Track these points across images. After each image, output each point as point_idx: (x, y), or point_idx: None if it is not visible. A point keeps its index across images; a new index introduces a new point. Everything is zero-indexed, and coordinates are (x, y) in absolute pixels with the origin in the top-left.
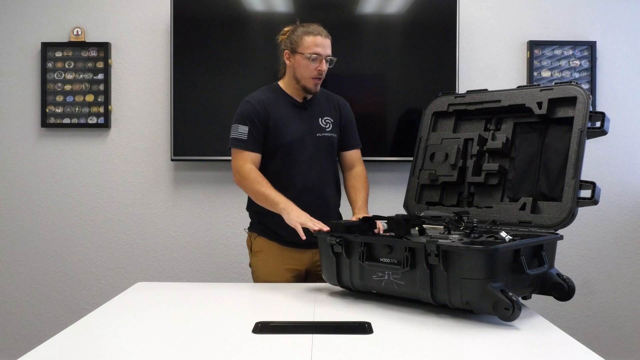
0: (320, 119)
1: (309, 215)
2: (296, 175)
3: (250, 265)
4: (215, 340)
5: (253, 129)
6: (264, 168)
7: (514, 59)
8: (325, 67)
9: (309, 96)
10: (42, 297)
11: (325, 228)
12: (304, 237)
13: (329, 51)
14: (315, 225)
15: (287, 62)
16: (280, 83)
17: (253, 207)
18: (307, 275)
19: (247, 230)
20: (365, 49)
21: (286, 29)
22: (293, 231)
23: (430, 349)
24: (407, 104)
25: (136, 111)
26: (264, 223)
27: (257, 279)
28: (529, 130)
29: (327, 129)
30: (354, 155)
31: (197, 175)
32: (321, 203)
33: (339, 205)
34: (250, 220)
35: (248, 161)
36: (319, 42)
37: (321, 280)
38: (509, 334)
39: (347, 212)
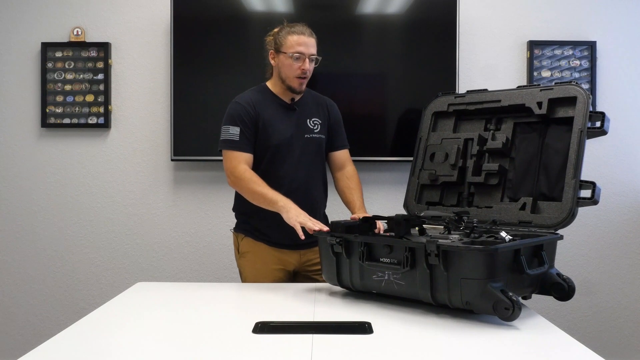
0: (308, 120)
1: (307, 215)
2: (284, 176)
3: (238, 267)
4: (215, 340)
5: (244, 129)
6: (252, 169)
7: (514, 59)
8: (308, 66)
9: (297, 97)
10: (42, 297)
11: (325, 228)
12: (302, 237)
13: (312, 50)
14: (315, 225)
15: (272, 62)
16: (268, 84)
17: (239, 208)
18: (295, 276)
19: (233, 231)
20: (365, 48)
21: (275, 30)
22: (281, 232)
23: (430, 349)
24: (407, 104)
25: (136, 111)
26: (251, 224)
27: (245, 279)
28: (529, 130)
29: (315, 130)
30: (343, 155)
31: (197, 175)
32: (308, 204)
33: (325, 207)
34: (236, 221)
35: (242, 162)
36: (301, 41)
37: (310, 280)
38: (509, 334)
39: (334, 213)
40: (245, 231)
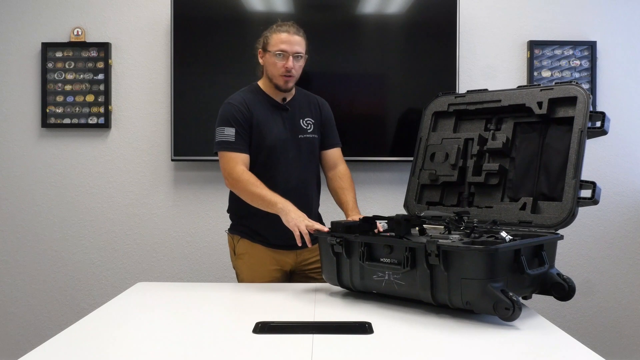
0: (301, 120)
1: (307, 217)
2: (279, 177)
3: (234, 268)
4: (215, 340)
5: (239, 129)
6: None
7: (514, 59)
8: (292, 64)
9: (288, 96)
10: (42, 297)
11: (324, 228)
12: (299, 243)
13: (297, 48)
14: (315, 225)
15: (260, 61)
16: (259, 83)
17: (235, 210)
18: (292, 275)
19: (228, 232)
20: (365, 49)
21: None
22: (278, 233)
23: (430, 349)
24: (407, 104)
25: (136, 111)
26: (248, 225)
27: (241, 280)
28: (529, 130)
29: (309, 130)
30: (335, 154)
31: (197, 175)
32: (304, 204)
33: (318, 206)
34: (231, 222)
35: (239, 163)
36: (284, 39)
37: (307, 279)
38: (509, 334)
39: (326, 213)
40: (242, 233)
